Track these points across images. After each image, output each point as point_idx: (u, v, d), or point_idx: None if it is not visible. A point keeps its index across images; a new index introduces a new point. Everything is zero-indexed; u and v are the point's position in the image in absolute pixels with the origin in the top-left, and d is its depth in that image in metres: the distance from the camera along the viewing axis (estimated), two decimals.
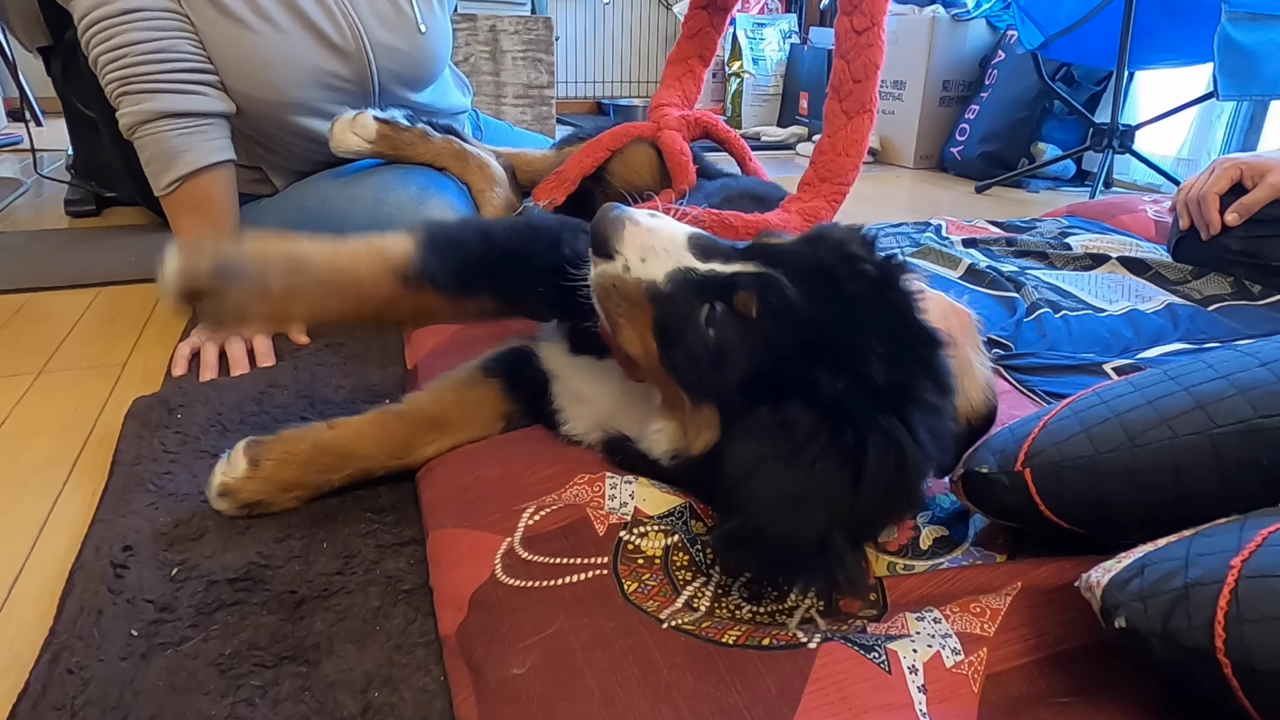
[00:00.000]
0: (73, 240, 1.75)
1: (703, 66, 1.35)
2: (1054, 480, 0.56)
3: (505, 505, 0.71)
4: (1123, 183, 2.84)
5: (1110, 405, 0.56)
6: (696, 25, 1.33)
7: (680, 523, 0.70)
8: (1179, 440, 0.51)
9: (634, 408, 0.75)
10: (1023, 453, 0.58)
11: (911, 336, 0.60)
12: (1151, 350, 1.17)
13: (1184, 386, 0.54)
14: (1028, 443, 0.58)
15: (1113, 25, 2.20)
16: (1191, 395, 0.53)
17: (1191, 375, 0.55)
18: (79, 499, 0.84)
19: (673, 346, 0.63)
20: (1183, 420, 0.51)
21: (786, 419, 0.57)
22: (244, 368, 1.06)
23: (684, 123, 1.26)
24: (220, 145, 1.14)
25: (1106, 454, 0.54)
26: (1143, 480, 0.52)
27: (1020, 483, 0.58)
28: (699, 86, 1.36)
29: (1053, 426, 0.58)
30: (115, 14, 1.05)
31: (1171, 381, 0.55)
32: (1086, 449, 0.55)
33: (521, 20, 2.50)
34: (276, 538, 0.74)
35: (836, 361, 0.58)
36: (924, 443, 0.56)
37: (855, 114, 1.05)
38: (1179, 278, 1.45)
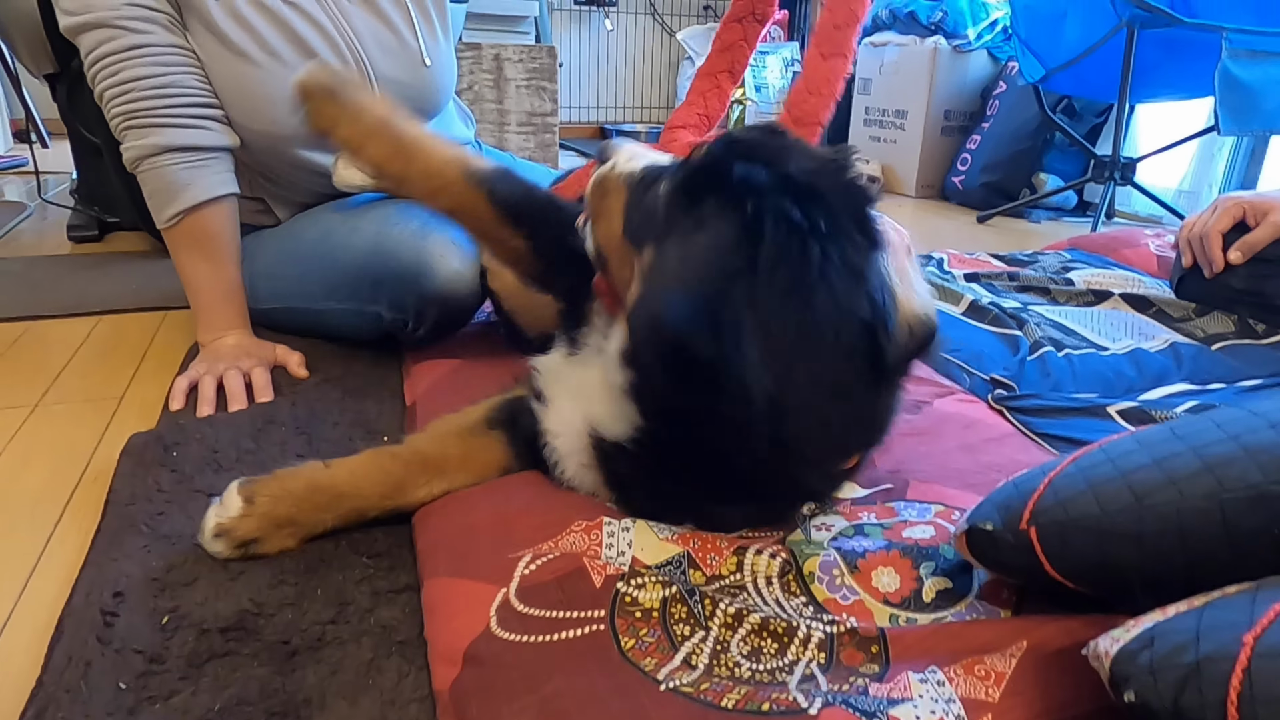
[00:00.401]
0: (74, 267, 1.75)
1: (731, 82, 1.36)
2: (1060, 540, 0.55)
3: (501, 553, 0.70)
4: (1124, 214, 2.84)
5: (1116, 464, 0.55)
6: (730, 38, 1.33)
7: (678, 572, 0.69)
8: (1187, 504, 0.50)
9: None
10: (1028, 511, 0.57)
11: (852, 196, 0.64)
12: (1155, 391, 1.16)
13: (1191, 447, 0.53)
14: (1033, 500, 0.57)
15: (1114, 60, 2.21)
16: (1199, 457, 0.52)
17: (1199, 435, 0.54)
18: (72, 538, 0.83)
19: (633, 213, 0.73)
20: (1191, 483, 0.51)
21: (696, 212, 0.63)
22: (242, 403, 1.05)
23: (689, 151, 1.25)
24: (223, 179, 1.14)
25: (1113, 515, 0.53)
26: (1150, 544, 0.51)
27: (1025, 541, 0.57)
28: (724, 103, 1.35)
29: (1058, 484, 0.57)
30: (122, 49, 1.06)
31: (1179, 441, 0.54)
32: (1093, 509, 0.54)
33: (526, 49, 2.52)
34: (270, 583, 0.73)
35: (762, 164, 0.64)
36: (834, 259, 0.59)
37: (831, 56, 1.13)
38: (1182, 315, 1.45)
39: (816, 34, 1.15)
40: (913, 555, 0.70)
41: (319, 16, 1.17)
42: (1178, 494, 0.51)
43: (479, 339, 1.26)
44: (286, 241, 1.25)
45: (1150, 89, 2.36)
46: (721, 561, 0.70)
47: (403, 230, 1.13)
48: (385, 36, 1.23)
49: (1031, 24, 2.44)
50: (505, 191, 0.87)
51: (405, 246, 1.12)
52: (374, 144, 0.85)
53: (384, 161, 0.85)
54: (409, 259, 1.12)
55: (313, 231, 1.22)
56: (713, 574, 0.69)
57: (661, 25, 4.61)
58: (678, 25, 4.55)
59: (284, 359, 1.16)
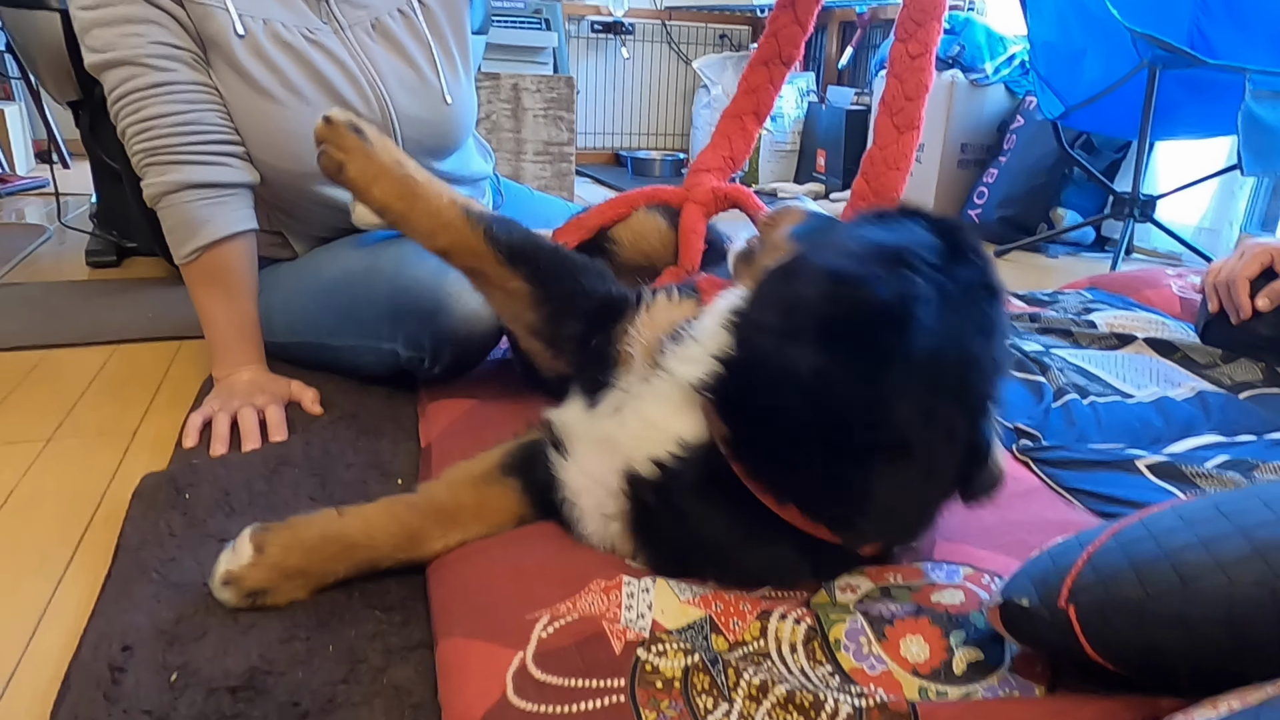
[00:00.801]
0: (91, 294, 1.75)
1: (757, 124, 1.35)
2: (1100, 621, 0.53)
3: (517, 614, 0.68)
4: (1143, 250, 2.82)
5: (1159, 542, 0.53)
6: (756, 81, 1.33)
7: (700, 638, 0.67)
8: (1237, 590, 0.48)
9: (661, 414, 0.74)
10: (1066, 588, 0.55)
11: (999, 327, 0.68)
12: (1184, 443, 1.13)
13: (1240, 528, 0.51)
14: (1071, 576, 0.55)
15: (1135, 98, 2.20)
16: (1248, 539, 0.50)
17: (1246, 515, 0.52)
18: (81, 584, 0.82)
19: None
20: (1240, 568, 0.49)
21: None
22: (255, 441, 1.04)
23: (714, 197, 1.25)
24: (242, 216, 1.14)
25: (1157, 597, 0.51)
26: (1197, 630, 0.49)
27: (1064, 620, 0.55)
28: (749, 144, 1.35)
29: (1098, 560, 0.55)
30: (145, 87, 1.06)
31: (1225, 520, 0.52)
32: (1136, 590, 0.52)
33: (544, 79, 2.53)
34: (281, 638, 0.71)
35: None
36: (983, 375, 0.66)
37: (905, 129, 1.15)
38: (1208, 361, 1.42)
39: (887, 104, 1.16)
40: (942, 623, 0.68)
41: (342, 55, 1.18)
42: (1226, 579, 0.49)
43: (495, 377, 1.25)
44: (304, 276, 1.24)
45: (1171, 127, 2.35)
46: (745, 627, 0.68)
47: (420, 268, 1.12)
48: (407, 75, 1.23)
49: (1051, 61, 2.43)
50: (503, 230, 0.88)
51: (423, 284, 1.11)
52: (380, 186, 0.87)
53: (388, 203, 0.87)
54: (426, 297, 1.11)
55: (330, 267, 1.21)
56: (736, 639, 0.67)
57: (678, 53, 4.64)
58: (693, 54, 4.57)
59: (298, 395, 1.15)
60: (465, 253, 0.88)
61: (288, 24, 1.15)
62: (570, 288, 0.87)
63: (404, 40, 1.23)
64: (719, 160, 1.30)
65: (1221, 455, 1.07)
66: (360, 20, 1.21)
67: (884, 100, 1.18)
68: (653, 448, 0.72)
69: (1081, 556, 0.57)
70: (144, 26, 1.06)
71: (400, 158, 0.87)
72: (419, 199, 0.87)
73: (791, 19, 1.27)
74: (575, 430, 0.81)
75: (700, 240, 1.20)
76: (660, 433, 0.73)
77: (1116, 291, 1.85)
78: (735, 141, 1.32)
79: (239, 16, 1.10)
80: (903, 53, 1.15)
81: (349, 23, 1.19)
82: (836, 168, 3.64)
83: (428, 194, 0.87)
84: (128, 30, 1.05)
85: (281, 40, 1.13)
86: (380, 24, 1.22)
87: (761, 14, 4.27)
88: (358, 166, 0.86)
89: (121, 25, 1.05)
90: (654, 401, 0.74)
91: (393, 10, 1.23)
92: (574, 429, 0.81)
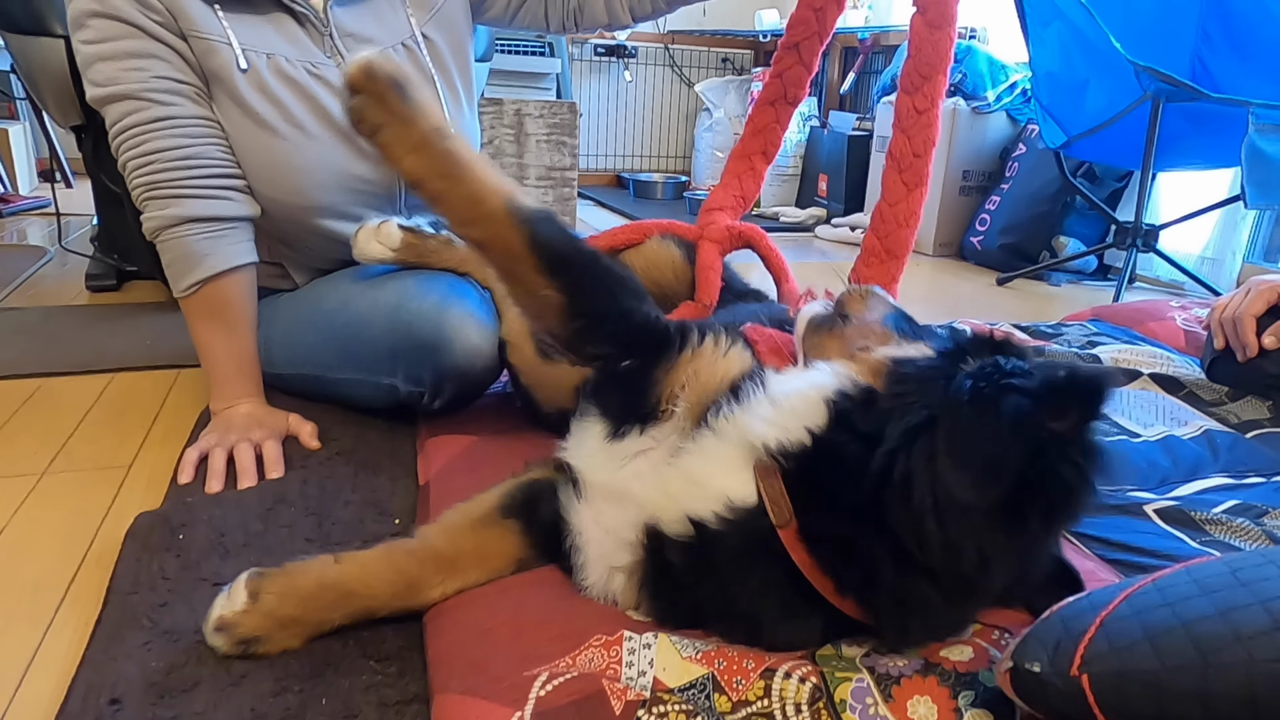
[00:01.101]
0: (90, 319, 1.74)
1: (765, 163, 1.36)
2: (1115, 692, 0.52)
3: (515, 669, 0.67)
4: (1146, 279, 2.81)
5: (1175, 610, 0.52)
6: (763, 120, 1.33)
7: (703, 697, 0.65)
8: (1258, 667, 0.47)
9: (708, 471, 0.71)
10: (1079, 655, 0.54)
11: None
12: (1191, 485, 1.12)
13: (1259, 599, 0.50)
14: (1084, 643, 0.54)
15: (1137, 128, 2.20)
16: (1269, 612, 0.48)
17: (1266, 585, 0.51)
18: (71, 629, 0.80)
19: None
20: (1261, 643, 0.47)
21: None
22: (252, 479, 1.03)
23: (728, 235, 1.25)
24: (242, 249, 1.13)
25: (1175, 671, 0.49)
26: (1217, 707, 0.48)
27: (1077, 689, 0.53)
28: (759, 185, 1.35)
29: (1110, 626, 0.54)
30: (147, 121, 1.05)
31: (1243, 589, 0.51)
32: (1151, 661, 0.50)
33: (547, 105, 2.54)
34: (273, 690, 0.70)
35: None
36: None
37: (914, 186, 1.15)
38: (1214, 399, 1.41)
39: (895, 159, 1.16)
40: (950, 682, 0.67)
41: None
42: (1247, 654, 0.47)
43: (495, 411, 1.24)
44: (304, 308, 1.23)
45: (1174, 158, 2.35)
46: (748, 686, 0.66)
47: (421, 303, 1.11)
48: None
49: (1053, 91, 2.44)
50: (548, 235, 0.77)
51: (424, 319, 1.10)
52: (417, 158, 0.75)
53: (424, 178, 0.75)
54: (427, 332, 1.10)
55: (331, 299, 1.20)
56: (739, 699, 0.65)
57: (680, 77, 4.66)
58: (696, 77, 4.59)
59: (296, 429, 1.14)
60: (501, 251, 0.78)
61: (291, 59, 1.14)
62: (607, 307, 0.79)
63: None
64: (730, 199, 1.30)
65: (1230, 500, 1.05)
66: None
67: (891, 154, 1.17)
68: (694, 505, 0.70)
69: (1094, 622, 0.55)
70: (147, 61, 1.06)
71: (443, 126, 0.75)
72: (460, 181, 0.75)
73: (796, 60, 1.27)
74: (593, 474, 0.78)
75: (718, 277, 1.20)
76: (704, 491, 0.70)
77: (1120, 324, 1.84)
78: (745, 181, 1.33)
79: (242, 51, 1.10)
80: (909, 107, 1.14)
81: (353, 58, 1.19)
82: (838, 192, 3.65)
83: (471, 176, 0.75)
84: (130, 65, 1.05)
85: (285, 75, 1.13)
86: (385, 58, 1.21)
87: (764, 39, 4.29)
88: (395, 133, 0.73)
89: (124, 60, 1.05)
90: (701, 458, 0.72)
91: (397, 45, 1.23)
92: (592, 471, 0.78)
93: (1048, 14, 2.33)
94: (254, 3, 1.12)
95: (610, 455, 0.78)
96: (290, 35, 1.16)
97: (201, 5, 1.08)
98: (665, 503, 0.72)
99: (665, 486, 0.72)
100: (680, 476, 0.72)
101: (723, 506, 0.69)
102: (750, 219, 1.44)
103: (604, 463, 0.78)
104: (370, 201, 1.22)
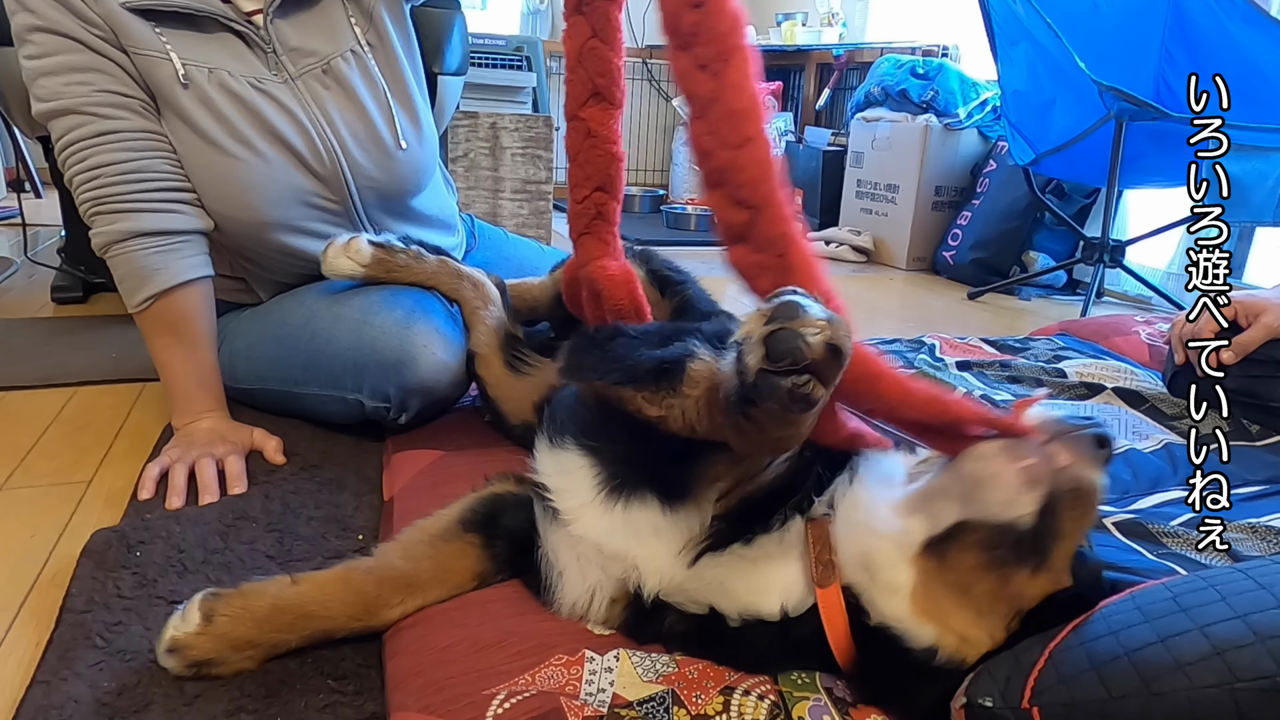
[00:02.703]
0: (54, 332, 1.72)
1: (605, 114, 0.87)
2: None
3: (474, 688, 0.66)
4: (1114, 293, 2.86)
5: (1119, 638, 0.53)
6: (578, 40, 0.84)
7: (661, 710, 0.65)
8: (1197, 693, 0.47)
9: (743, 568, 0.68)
10: (1029, 688, 0.54)
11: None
12: (1151, 498, 1.14)
13: (1197, 625, 0.50)
14: (1033, 676, 0.54)
15: (1103, 146, 2.24)
16: (1207, 638, 0.49)
17: (1204, 610, 0.51)
18: (21, 649, 0.78)
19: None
20: (1200, 669, 0.48)
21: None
22: (213, 494, 1.01)
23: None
24: (196, 262, 1.11)
25: (1120, 699, 0.50)
26: None
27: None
28: (610, 155, 0.88)
29: (1058, 658, 0.54)
30: (91, 135, 1.04)
31: (1183, 614, 0.52)
32: (1098, 691, 0.51)
33: (522, 118, 2.54)
34: (227, 710, 0.69)
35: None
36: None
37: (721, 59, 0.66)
38: (1175, 412, 1.43)
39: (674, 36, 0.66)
40: None
41: (292, 106, 1.15)
42: (1187, 680, 0.48)
43: (462, 426, 1.22)
44: (268, 323, 1.22)
45: (1139, 176, 2.39)
46: (707, 701, 0.66)
47: (386, 319, 1.10)
48: (358, 124, 1.19)
49: (1021, 110, 2.48)
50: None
51: (389, 335, 1.10)
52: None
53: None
54: (392, 348, 1.09)
55: (295, 315, 1.19)
56: (698, 713, 0.65)
57: (658, 91, 4.69)
58: (674, 91, 4.61)
59: (260, 444, 1.13)
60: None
61: (234, 73, 1.12)
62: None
63: (357, 85, 1.20)
64: (589, 207, 0.91)
65: (1188, 513, 1.07)
66: (310, 68, 1.18)
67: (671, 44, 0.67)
68: (748, 606, 0.68)
69: (1043, 654, 0.56)
70: (89, 75, 1.05)
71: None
72: None
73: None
74: (584, 527, 0.75)
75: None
76: (759, 601, 0.68)
77: (1087, 338, 1.86)
78: (590, 160, 0.89)
79: (184, 66, 1.08)
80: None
81: (298, 71, 1.16)
82: (813, 207, 3.68)
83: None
84: (73, 79, 1.04)
85: (229, 90, 1.11)
86: (332, 69, 1.19)
87: None
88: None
89: (67, 74, 1.04)
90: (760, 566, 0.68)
91: (344, 52, 1.20)
92: (583, 523, 0.75)
93: (1015, 34, 2.37)
94: (193, 21, 1.11)
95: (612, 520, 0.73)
96: (234, 51, 1.14)
97: (140, 21, 1.06)
98: (720, 597, 0.69)
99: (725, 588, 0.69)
100: (736, 579, 0.68)
101: (775, 613, 0.67)
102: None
103: (604, 526, 0.73)
104: (327, 218, 1.20)
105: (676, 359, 0.65)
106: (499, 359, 1.14)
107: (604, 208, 0.90)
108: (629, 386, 0.68)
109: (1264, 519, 1.04)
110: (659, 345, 0.71)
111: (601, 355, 0.74)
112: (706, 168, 0.66)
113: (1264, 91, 2.06)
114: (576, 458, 0.77)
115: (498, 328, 1.18)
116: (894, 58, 3.31)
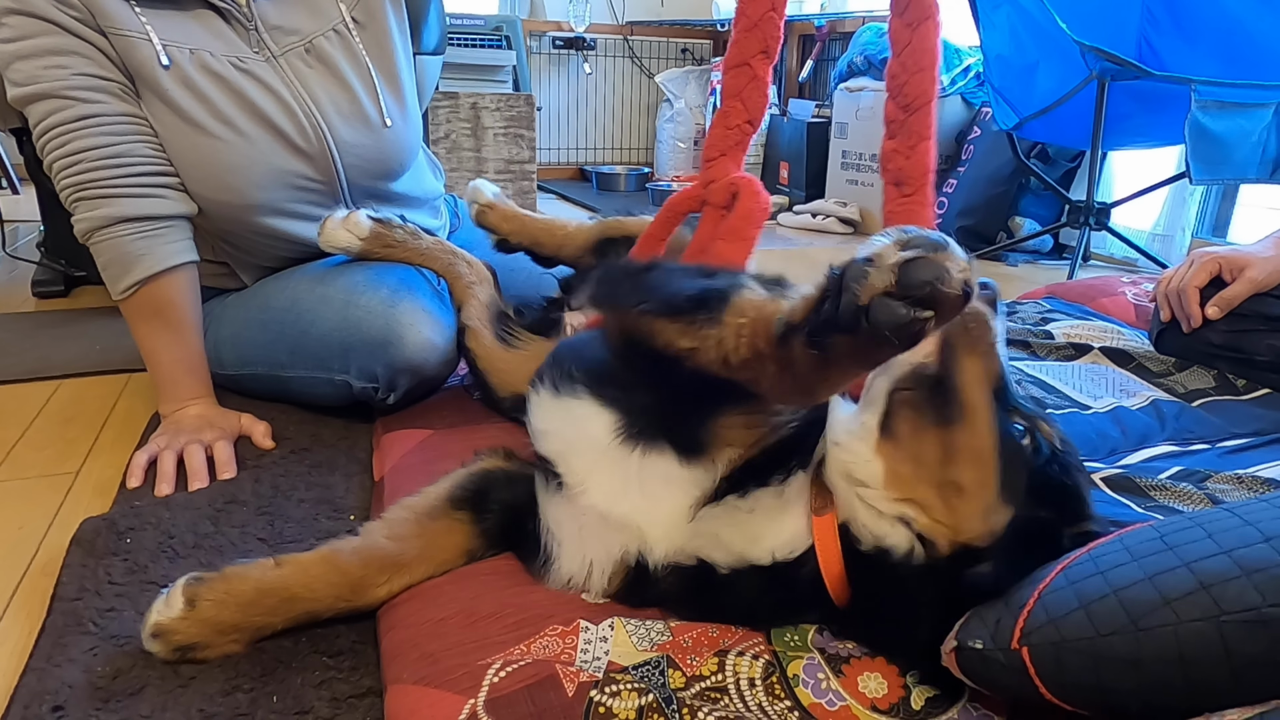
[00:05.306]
0: (37, 325, 1.70)
1: (767, 64, 1.03)
2: (1054, 662, 0.53)
3: (469, 659, 0.66)
4: (1100, 256, 2.87)
5: (1107, 577, 0.53)
6: (757, 11, 1.01)
7: (656, 674, 0.66)
8: (1184, 627, 0.48)
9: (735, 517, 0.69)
10: (1018, 629, 0.54)
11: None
12: (1139, 453, 1.14)
13: (1184, 561, 0.51)
14: (1023, 617, 0.55)
15: (1086, 109, 2.23)
16: (1193, 573, 0.49)
17: (1190, 547, 0.52)
18: (14, 639, 0.78)
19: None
20: (1186, 604, 0.48)
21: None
22: (203, 480, 1.01)
23: (729, 192, 1.03)
24: (180, 248, 1.10)
25: (1108, 637, 0.50)
26: (1148, 669, 0.49)
27: (1018, 662, 0.54)
28: (765, 96, 1.04)
29: (1048, 599, 0.55)
30: (70, 120, 1.03)
31: (1170, 552, 0.52)
32: (1086, 629, 0.51)
33: (503, 98, 2.52)
34: (223, 690, 0.69)
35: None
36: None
37: (918, 23, 0.94)
38: (1162, 370, 1.44)
39: (895, 7, 0.96)
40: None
41: (275, 84, 1.14)
42: (1174, 615, 0.48)
43: (452, 405, 1.22)
44: (252, 307, 1.21)
45: (1122, 137, 2.39)
46: (702, 662, 0.67)
47: (371, 298, 1.10)
48: (345, 101, 1.18)
49: (1004, 74, 2.47)
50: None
51: (374, 315, 1.09)
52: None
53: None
54: (378, 327, 1.09)
55: (280, 298, 1.18)
56: (693, 674, 0.66)
57: (640, 68, 4.65)
58: (656, 68, 4.58)
59: (249, 429, 1.12)
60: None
61: (216, 53, 1.10)
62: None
63: (340, 63, 1.19)
64: (734, 133, 1.05)
65: (1175, 466, 1.08)
66: (293, 46, 1.16)
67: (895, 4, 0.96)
68: (741, 555, 0.69)
69: (1032, 596, 0.56)
70: (67, 58, 1.03)
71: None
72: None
73: None
74: (592, 495, 0.73)
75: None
76: (756, 548, 0.68)
77: (1074, 300, 1.87)
78: (749, 96, 1.03)
79: (163, 47, 1.06)
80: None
81: (280, 50, 1.15)
82: (799, 180, 3.66)
83: None
84: (50, 62, 1.02)
85: (210, 70, 1.10)
86: (315, 47, 1.17)
87: (723, 28, 4.29)
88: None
89: (44, 57, 1.02)
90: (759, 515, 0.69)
91: (327, 31, 1.19)
92: (598, 466, 0.73)
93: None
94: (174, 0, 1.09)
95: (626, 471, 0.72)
96: (215, 30, 1.12)
97: (118, 1, 1.04)
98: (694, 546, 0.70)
99: (722, 540, 0.69)
100: (730, 530, 0.69)
101: (769, 558, 0.68)
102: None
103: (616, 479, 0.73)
104: (312, 199, 1.19)
105: (723, 288, 0.62)
106: (490, 331, 1.15)
107: (745, 137, 1.07)
108: (664, 317, 0.65)
109: (1251, 469, 1.05)
110: (698, 279, 0.68)
111: (636, 284, 0.71)
112: (892, 87, 0.97)
113: (1246, 49, 2.06)
114: (590, 406, 0.74)
115: (489, 303, 1.18)
116: (876, 26, 3.30)
